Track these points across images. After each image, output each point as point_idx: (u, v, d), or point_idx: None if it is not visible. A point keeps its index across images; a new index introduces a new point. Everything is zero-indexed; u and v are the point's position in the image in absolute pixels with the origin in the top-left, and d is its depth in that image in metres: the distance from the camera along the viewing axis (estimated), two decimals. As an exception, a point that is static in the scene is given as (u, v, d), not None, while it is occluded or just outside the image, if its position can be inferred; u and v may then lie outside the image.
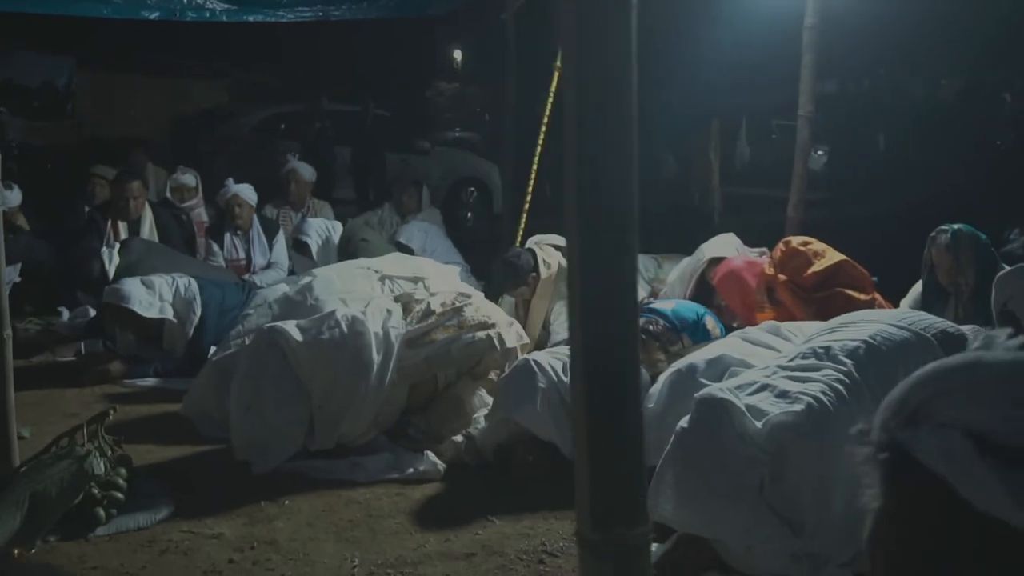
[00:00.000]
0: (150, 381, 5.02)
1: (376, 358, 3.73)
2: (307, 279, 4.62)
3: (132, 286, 4.99)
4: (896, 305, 4.78)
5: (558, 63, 6.41)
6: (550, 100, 6.46)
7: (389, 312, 3.91)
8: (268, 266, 7.01)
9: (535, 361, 3.63)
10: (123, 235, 6.90)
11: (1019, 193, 11.15)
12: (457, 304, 4.02)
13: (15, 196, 7.26)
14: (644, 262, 6.53)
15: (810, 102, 5.77)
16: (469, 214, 13.95)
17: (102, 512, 3.14)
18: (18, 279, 6.73)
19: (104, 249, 5.84)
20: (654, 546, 3.02)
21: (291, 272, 6.87)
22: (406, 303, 4.06)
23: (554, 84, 6.45)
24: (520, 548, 3.05)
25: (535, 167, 6.58)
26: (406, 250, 6.50)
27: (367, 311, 3.86)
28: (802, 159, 5.83)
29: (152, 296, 5.01)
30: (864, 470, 0.76)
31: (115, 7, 6.67)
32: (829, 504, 2.75)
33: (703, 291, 5.63)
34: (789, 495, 2.78)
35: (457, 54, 36.88)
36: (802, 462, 2.78)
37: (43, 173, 9.70)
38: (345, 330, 3.73)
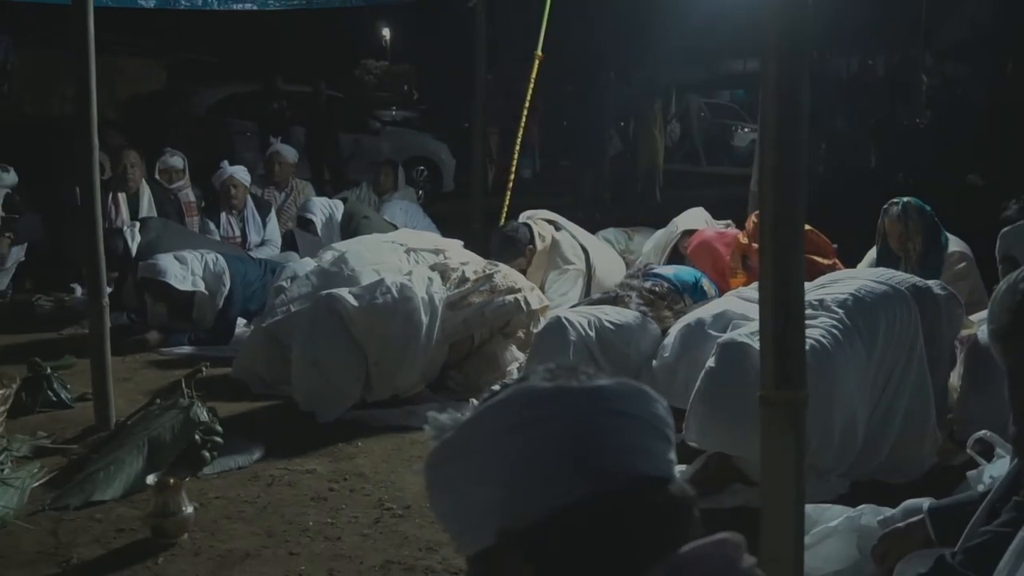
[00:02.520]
0: (186, 349, 5.44)
1: (424, 320, 4.26)
2: (336, 253, 5.08)
3: (167, 261, 5.40)
4: (853, 268, 5.47)
5: (539, 51, 6.97)
6: (531, 86, 6.99)
7: (430, 279, 4.44)
8: (262, 243, 7.42)
9: (565, 318, 4.20)
10: (123, 209, 7.27)
11: (930, 168, 12.08)
12: (487, 271, 4.57)
13: (11, 177, 7.52)
14: (615, 235, 7.14)
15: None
16: (420, 192, 14.39)
17: (207, 454, 3.61)
18: (23, 258, 7.06)
19: (126, 228, 6.20)
20: (683, 466, 3.64)
21: (290, 248, 7.31)
22: (442, 271, 4.60)
23: (535, 71, 6.98)
24: (571, 473, 3.63)
25: (518, 146, 7.11)
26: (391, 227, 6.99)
27: (412, 278, 4.38)
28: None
29: (185, 270, 5.43)
30: None
31: (115, -3, 7.00)
32: (830, 427, 3.39)
33: (675, 261, 6.23)
34: (797, 419, 3.41)
35: (386, 32, 36.84)
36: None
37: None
38: (396, 295, 4.24)
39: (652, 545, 0.99)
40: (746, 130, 22.01)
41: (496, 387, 3.53)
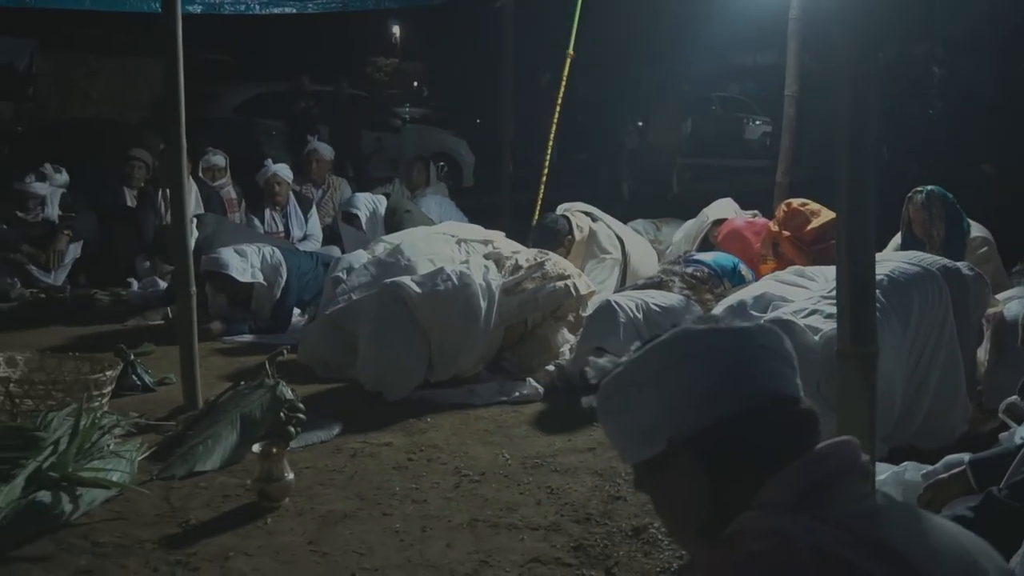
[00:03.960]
0: (247, 337, 5.75)
1: (483, 305, 4.56)
2: (389, 244, 5.39)
3: (228, 255, 5.70)
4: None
5: (570, 50, 7.25)
6: (563, 84, 7.28)
7: (487, 267, 4.75)
8: (304, 238, 7.74)
9: (615, 302, 4.51)
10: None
11: (948, 157, 12.33)
12: (539, 259, 4.87)
13: (63, 177, 7.85)
14: (644, 226, 7.44)
15: (795, 83, 6.69)
16: (444, 188, 14.68)
17: (292, 429, 3.91)
18: (78, 255, 7.38)
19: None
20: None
21: (330, 242, 7.63)
22: (496, 260, 4.90)
23: (566, 69, 7.27)
24: (628, 443, 3.94)
25: (551, 143, 7.40)
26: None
27: (470, 267, 4.69)
28: (789, 134, 6.76)
29: (245, 263, 5.74)
30: None
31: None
32: (869, 396, 3.68)
33: (706, 249, 6.52)
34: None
35: (396, 30, 37.09)
36: (848, 366, 3.71)
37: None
38: (456, 282, 4.55)
39: (792, 445, 1.30)
40: (757, 123, 22.28)
41: (551, 367, 3.88)
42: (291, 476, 3.37)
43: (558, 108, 7.33)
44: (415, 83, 36.15)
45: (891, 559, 1.17)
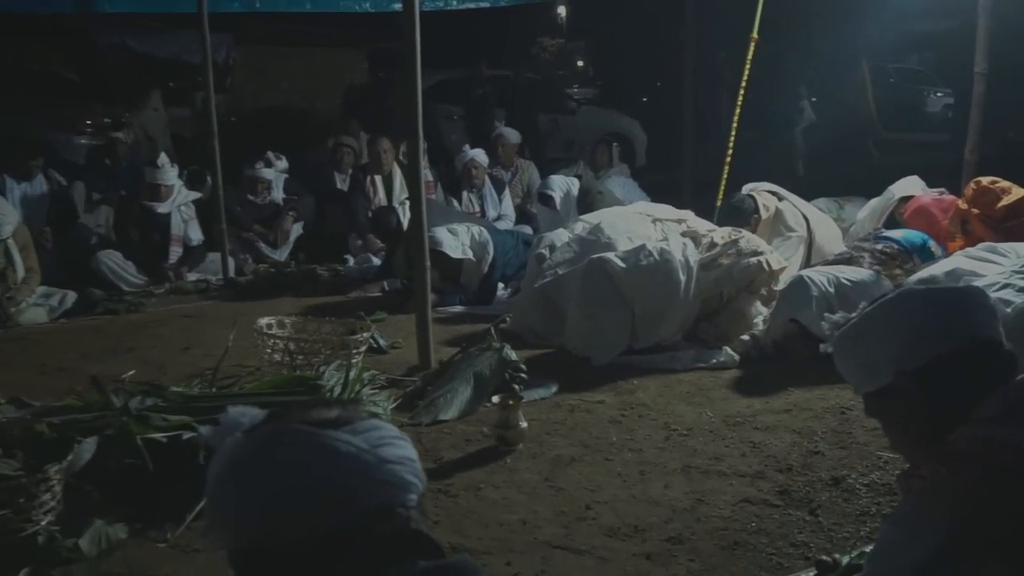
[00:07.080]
0: (458, 308, 6.36)
1: (682, 279, 4.96)
2: (588, 224, 5.85)
3: (442, 233, 6.31)
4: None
5: (755, 34, 7.48)
6: (747, 67, 7.53)
7: (685, 244, 5.14)
8: (499, 217, 8.31)
9: (808, 276, 4.82)
10: (380, 190, 8.30)
11: None
12: (733, 237, 5.23)
13: (283, 163, 8.70)
14: (827, 204, 7.60)
15: (984, 60, 6.70)
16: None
17: (516, 387, 4.43)
18: (301, 232, 8.20)
19: (398, 206, 7.18)
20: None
21: (523, 221, 8.18)
22: (693, 237, 5.29)
23: (750, 52, 7.51)
24: (822, 406, 4.27)
25: (735, 124, 7.68)
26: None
27: (670, 244, 5.09)
28: (977, 111, 6.78)
29: (457, 241, 6.34)
30: None
31: (373, 2, 8.02)
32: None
33: (891, 227, 6.66)
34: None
35: (561, 10, 37.48)
36: (1040, 336, 3.90)
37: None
38: (657, 258, 4.96)
39: (996, 376, 1.67)
40: (939, 95, 21.48)
41: (746, 337, 4.31)
42: (525, 424, 3.89)
43: (742, 90, 7.58)
44: (579, 62, 36.39)
45: None
